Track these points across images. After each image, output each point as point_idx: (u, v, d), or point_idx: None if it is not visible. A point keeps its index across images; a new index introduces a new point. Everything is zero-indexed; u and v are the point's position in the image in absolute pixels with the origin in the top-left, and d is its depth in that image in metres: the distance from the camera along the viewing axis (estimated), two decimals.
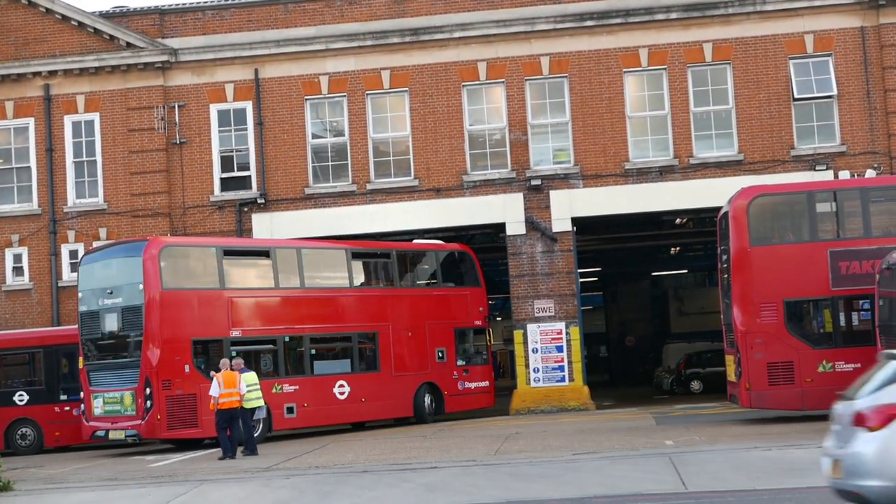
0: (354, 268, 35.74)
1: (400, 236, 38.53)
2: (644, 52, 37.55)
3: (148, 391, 29.65)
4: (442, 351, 36.79)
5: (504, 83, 38.00)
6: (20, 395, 34.86)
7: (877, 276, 26.54)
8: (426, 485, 20.45)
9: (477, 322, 38.17)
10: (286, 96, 38.59)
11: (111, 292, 31.00)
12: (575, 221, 37.54)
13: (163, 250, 30.68)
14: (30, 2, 38.93)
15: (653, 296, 66.40)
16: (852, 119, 36.77)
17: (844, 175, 35.83)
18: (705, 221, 38.30)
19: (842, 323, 28.51)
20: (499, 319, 60.48)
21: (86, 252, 34.19)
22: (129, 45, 38.75)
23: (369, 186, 38.15)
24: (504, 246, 38.10)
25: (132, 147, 38.73)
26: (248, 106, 38.76)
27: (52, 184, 38.93)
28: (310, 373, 33.45)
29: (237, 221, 38.34)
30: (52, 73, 39.02)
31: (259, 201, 38.22)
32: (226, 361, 28.49)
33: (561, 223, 37.32)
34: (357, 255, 36.00)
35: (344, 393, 33.97)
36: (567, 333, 37.01)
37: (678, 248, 51.49)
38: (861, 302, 28.24)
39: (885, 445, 12.64)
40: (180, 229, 38.36)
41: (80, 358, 31.66)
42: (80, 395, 31.76)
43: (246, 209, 38.46)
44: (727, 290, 29.34)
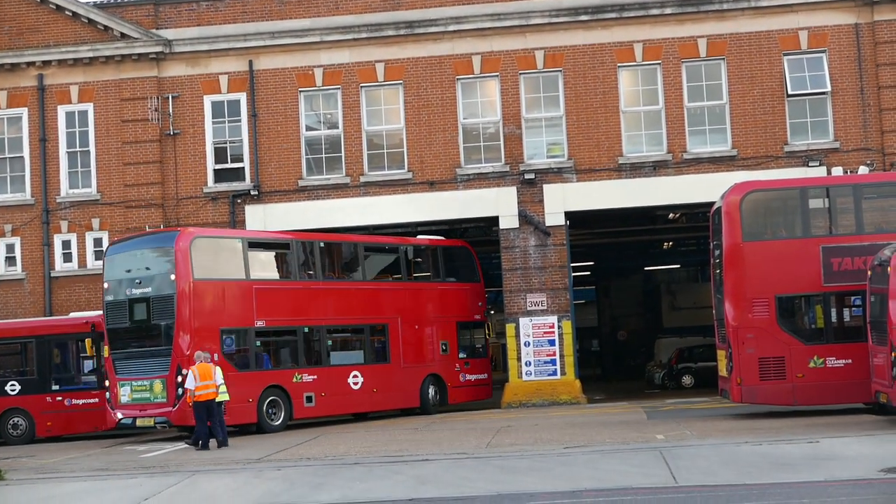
0: (366, 262, 36.42)
1: (394, 229, 38.56)
2: (638, 47, 37.58)
3: (179, 379, 29.94)
4: (445, 344, 37.52)
5: (498, 77, 38.02)
6: (12, 385, 34.85)
7: (868, 273, 26.60)
8: (417, 477, 20.50)
9: (477, 316, 39.00)
10: (280, 88, 38.58)
11: (140, 282, 31.37)
12: (568, 215, 37.57)
13: (193, 241, 31.13)
14: None
15: (645, 290, 66.47)
16: (846, 115, 36.82)
17: (837, 171, 35.89)
18: (698, 216, 38.33)
19: (833, 319, 28.55)
20: (492, 313, 60.48)
21: (111, 242, 34.26)
22: (124, 36, 38.71)
23: (363, 179, 38.15)
24: (497, 239, 38.14)
25: (126, 138, 38.71)
26: (242, 97, 38.75)
27: (46, 174, 38.90)
28: (327, 363, 34.23)
29: (230, 213, 38.34)
30: (46, 63, 38.97)
31: (252, 193, 38.23)
32: (200, 354, 28.81)
33: (554, 217, 37.35)
34: (369, 250, 36.72)
35: (358, 383, 34.71)
36: (559, 327, 37.05)
37: (671, 243, 51.55)
38: (853, 298, 28.28)
39: None
40: (173, 220, 38.34)
41: (106, 346, 31.93)
42: (106, 384, 31.96)
43: (239, 201, 38.45)
44: (719, 286, 29.38)
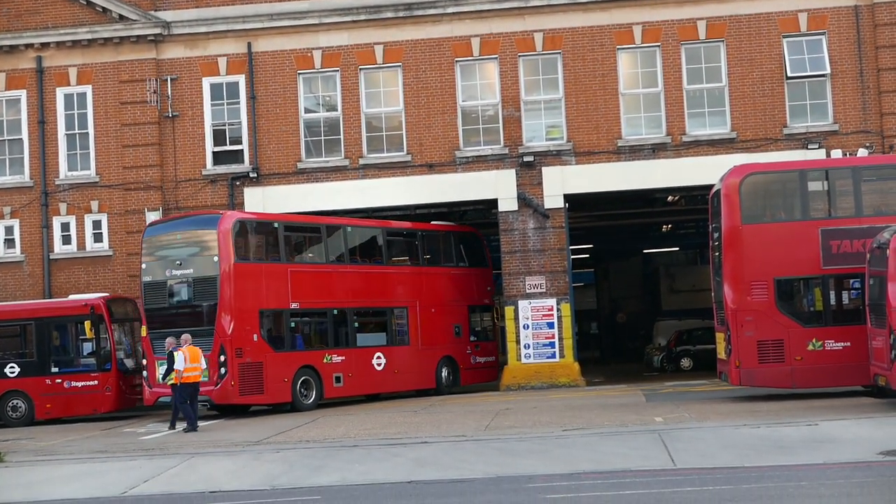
0: (389, 246, 37.27)
1: (392, 212, 38.54)
2: (638, 30, 37.51)
3: (222, 358, 30.80)
4: (458, 327, 38.46)
5: (497, 59, 37.95)
6: (11, 368, 34.86)
7: (867, 256, 26.62)
8: (416, 459, 20.55)
9: (486, 300, 39.69)
10: (279, 70, 38.51)
11: (180, 263, 32.06)
12: (567, 198, 37.54)
13: (235, 224, 31.81)
14: None
15: (644, 273, 66.45)
16: (845, 98, 36.77)
17: (836, 154, 35.85)
18: (697, 199, 38.30)
19: (832, 301, 28.58)
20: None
21: (148, 225, 34.61)
22: (122, 18, 38.63)
23: (362, 161, 38.12)
24: (496, 222, 38.11)
25: (124, 120, 38.65)
26: (241, 80, 38.68)
27: (44, 156, 38.86)
28: (353, 345, 35.08)
29: (229, 195, 38.31)
30: (45, 46, 38.90)
31: (251, 175, 38.19)
32: (187, 337, 29.29)
33: (553, 200, 37.33)
34: (390, 234, 37.42)
35: (381, 364, 35.68)
36: (558, 310, 37.06)
37: (670, 226, 51.49)
38: (851, 281, 28.30)
39: None
40: (172, 203, 38.33)
41: (143, 326, 32.54)
42: (144, 363, 32.50)
43: (238, 183, 38.42)
44: (718, 268, 29.39)
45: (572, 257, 39.99)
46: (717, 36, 37.27)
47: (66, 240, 38.68)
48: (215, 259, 31.45)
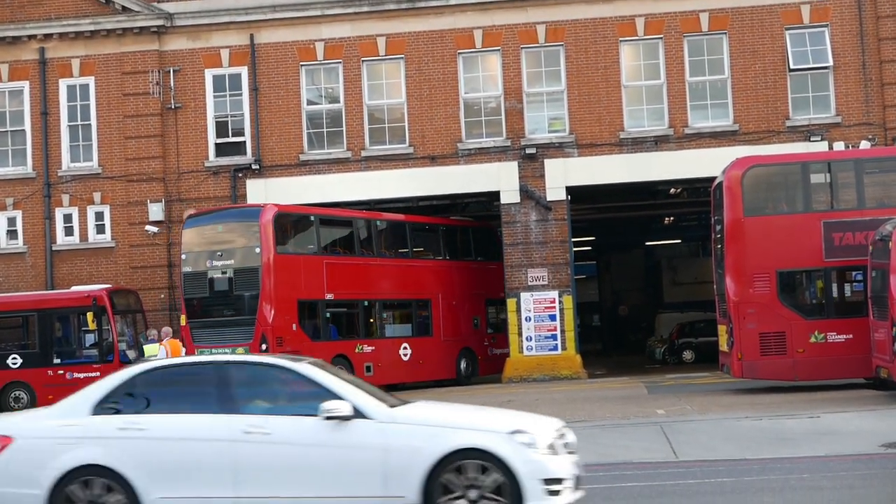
0: (413, 240, 38.33)
1: (395, 204, 38.54)
2: (640, 22, 37.47)
3: (264, 347, 31.30)
4: (476, 319, 39.54)
5: (500, 51, 37.93)
6: (14, 359, 34.91)
7: (870, 248, 26.62)
8: None
9: (501, 294, 39.66)
10: (281, 62, 38.49)
11: (221, 254, 32.63)
12: (569, 190, 37.53)
13: (276, 216, 32.55)
14: None
15: (646, 265, 66.44)
16: (848, 90, 36.74)
17: (839, 146, 35.82)
18: (699, 191, 38.25)
19: (834, 294, 28.58)
20: None
21: (188, 216, 34.96)
22: (125, 9, 38.61)
23: (364, 153, 38.11)
24: (498, 214, 38.11)
25: (127, 111, 38.65)
26: (244, 71, 38.66)
27: (47, 147, 38.85)
28: (382, 335, 36.20)
29: (231, 187, 38.32)
30: (48, 37, 38.89)
31: (254, 167, 38.19)
32: (168, 330, 30.10)
33: (555, 192, 37.32)
34: (414, 229, 38.52)
35: (407, 355, 36.66)
36: (560, 302, 37.06)
37: (672, 218, 51.45)
38: (854, 273, 28.30)
39: None
40: (174, 194, 38.34)
41: (183, 315, 32.99)
42: (183, 352, 31.93)
43: (240, 175, 38.42)
44: (720, 261, 29.39)
45: (574, 249, 39.98)
46: (720, 28, 37.23)
47: (69, 231, 38.69)
48: (257, 250, 32.12)
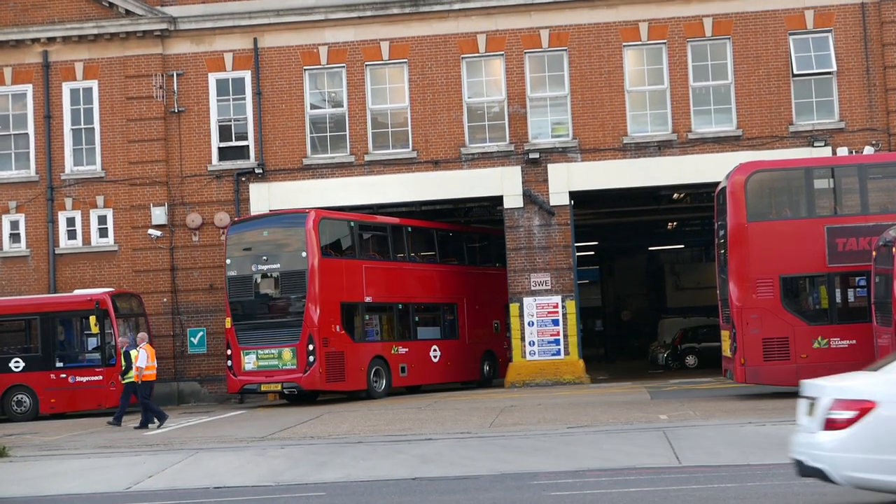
0: (440, 246, 39.47)
1: (398, 208, 38.55)
2: (644, 26, 37.46)
3: (311, 347, 32.82)
4: (497, 323, 40.37)
5: (503, 56, 37.92)
6: (16, 362, 34.92)
7: (873, 253, 26.59)
8: (421, 456, 20.54)
9: None
10: (285, 66, 38.50)
11: (266, 258, 33.83)
12: (572, 195, 37.52)
13: (321, 222, 33.87)
14: None
15: (649, 270, 66.45)
16: (851, 95, 36.73)
17: (842, 151, 35.80)
18: (703, 196, 38.24)
19: (837, 299, 28.55)
20: None
21: (231, 223, 35.92)
22: (128, 13, 38.64)
23: (367, 158, 38.11)
24: (501, 219, 38.10)
25: (130, 115, 38.66)
26: (247, 75, 38.68)
27: (50, 151, 38.87)
28: (415, 337, 37.47)
29: (235, 191, 38.31)
30: (51, 40, 38.91)
31: (257, 171, 38.19)
32: (144, 335, 30.56)
33: (558, 197, 37.30)
34: (441, 235, 39.72)
35: (436, 357, 38.03)
36: (563, 307, 37.03)
37: (675, 223, 51.44)
38: (857, 279, 28.28)
39: None
40: (178, 198, 38.34)
41: (228, 318, 34.10)
42: (229, 353, 33.87)
43: (244, 179, 38.41)
44: (724, 266, 29.36)
45: (577, 254, 39.98)
46: (724, 33, 37.23)
47: (72, 234, 38.71)
48: (304, 254, 33.34)
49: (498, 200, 37.95)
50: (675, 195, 40.92)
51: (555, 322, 37.01)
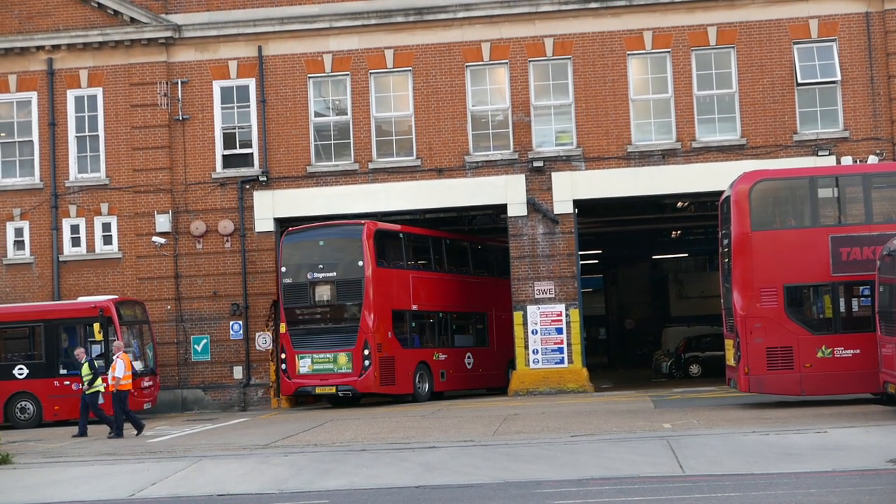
0: (473, 258, 41.20)
1: (402, 216, 38.57)
2: (648, 35, 37.48)
3: (366, 352, 34.51)
4: None
5: (507, 64, 37.94)
6: (20, 369, 34.93)
7: (877, 263, 26.55)
8: (424, 464, 20.52)
9: None
10: (289, 74, 38.53)
11: (322, 267, 35.34)
12: (576, 203, 37.52)
13: (375, 233, 35.42)
14: None
15: (653, 279, 66.46)
16: (855, 105, 36.72)
17: (847, 161, 35.80)
18: (707, 205, 38.27)
19: (842, 309, 28.49)
20: None
21: (286, 233, 36.58)
22: (133, 21, 38.68)
23: (371, 166, 38.12)
24: (505, 227, 38.11)
25: (135, 122, 38.70)
26: (252, 83, 38.70)
27: (55, 158, 38.90)
28: (452, 344, 39.18)
29: (239, 199, 38.33)
30: (56, 48, 38.96)
31: (261, 179, 38.20)
32: (119, 344, 30.95)
33: (562, 205, 37.31)
34: (473, 248, 41.38)
35: (470, 363, 39.70)
36: (567, 315, 37.02)
37: (679, 232, 51.49)
38: (861, 288, 28.22)
39: None
40: (182, 206, 38.36)
41: (283, 324, 35.60)
42: (283, 357, 35.47)
43: (248, 186, 38.44)
44: (727, 275, 29.34)
45: (581, 263, 39.97)
46: (728, 42, 37.24)
47: (76, 242, 38.72)
48: (360, 263, 34.90)
49: (502, 209, 37.96)
50: (679, 204, 40.93)
51: (558, 330, 37.00)
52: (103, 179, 38.77)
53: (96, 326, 34.36)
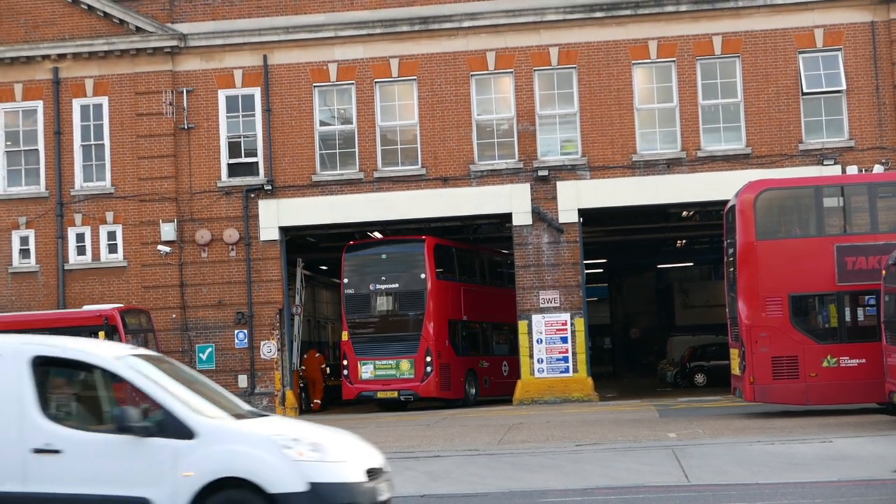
0: (506, 271, 42.20)
1: (407, 225, 38.61)
2: (653, 44, 37.50)
3: (428, 359, 36.74)
4: None
5: (513, 73, 37.97)
6: None
7: (883, 272, 26.51)
8: (429, 473, 20.50)
9: None
10: (294, 83, 38.57)
11: (384, 279, 37.60)
12: (581, 212, 37.52)
13: (435, 247, 37.70)
14: None
15: (658, 288, 66.43)
16: (861, 114, 36.70)
17: (852, 170, 35.78)
18: (712, 214, 38.27)
19: (847, 318, 28.45)
20: None
21: (347, 247, 38.71)
22: (139, 30, 38.74)
23: (376, 174, 38.14)
24: (510, 236, 38.11)
25: (140, 131, 38.74)
26: (257, 92, 38.74)
27: (60, 167, 38.94)
28: (492, 353, 41.40)
29: (244, 207, 38.36)
30: (62, 57, 39.02)
31: (266, 188, 38.23)
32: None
33: (567, 214, 37.30)
34: (505, 261, 42.58)
35: (505, 371, 41.33)
36: (572, 324, 37.00)
37: (684, 241, 51.45)
38: (867, 297, 28.19)
39: None
40: (187, 214, 38.38)
41: (345, 332, 37.77)
42: (345, 363, 37.66)
43: (253, 195, 38.46)
44: (733, 284, 29.32)
45: (586, 272, 39.96)
46: (733, 51, 37.25)
47: (81, 250, 38.75)
48: (423, 276, 37.16)
49: (507, 218, 37.96)
50: (685, 213, 40.93)
51: (563, 339, 36.98)
52: (108, 188, 38.81)
53: (101, 335, 34.34)
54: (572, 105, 37.76)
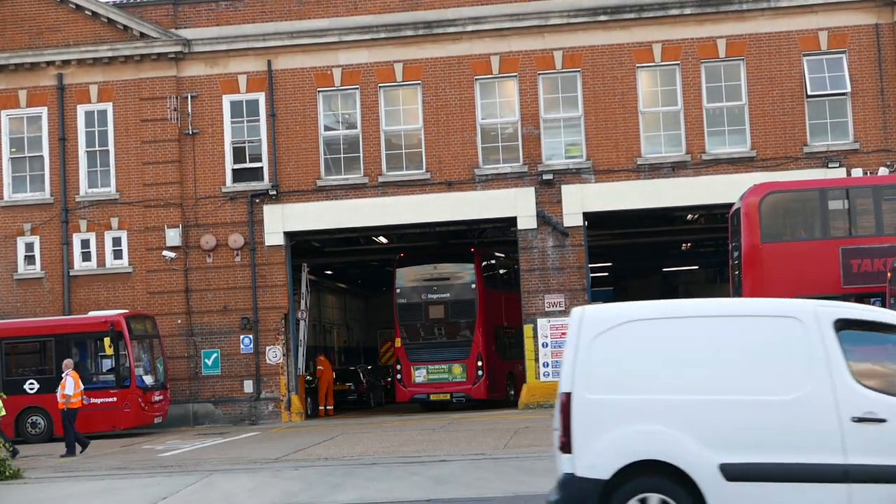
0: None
1: (412, 230, 38.61)
2: (657, 48, 37.49)
3: (479, 364, 38.89)
4: None
5: (517, 77, 37.97)
6: (31, 384, 34.96)
7: (888, 274, 26.50)
8: (435, 477, 20.49)
9: None
10: (299, 88, 38.59)
11: (436, 289, 39.83)
12: (586, 216, 37.50)
13: (483, 259, 40.16)
14: None
15: (663, 291, 66.16)
16: (866, 116, 36.67)
17: (857, 173, 35.73)
18: (717, 218, 38.23)
19: None
20: None
21: (398, 259, 41.24)
22: (143, 36, 38.78)
23: (381, 179, 38.14)
24: (515, 240, 38.10)
25: (145, 137, 38.78)
26: (261, 97, 38.77)
27: (65, 173, 38.98)
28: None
29: (249, 213, 38.37)
30: (66, 63, 39.06)
31: (271, 193, 38.24)
32: (69, 362, 30.65)
33: (572, 218, 37.28)
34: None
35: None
36: None
37: (689, 245, 51.41)
38: (872, 300, 28.15)
39: None
40: (192, 220, 38.40)
41: (398, 339, 39.95)
42: (399, 368, 39.86)
43: (258, 200, 38.47)
44: (738, 287, 29.31)
45: (591, 275, 39.95)
46: (737, 54, 37.24)
47: (86, 256, 38.78)
48: (473, 286, 39.59)
49: (512, 222, 37.95)
50: (689, 216, 40.92)
51: None
52: (113, 194, 38.84)
53: (107, 341, 34.45)
54: (577, 109, 37.76)
